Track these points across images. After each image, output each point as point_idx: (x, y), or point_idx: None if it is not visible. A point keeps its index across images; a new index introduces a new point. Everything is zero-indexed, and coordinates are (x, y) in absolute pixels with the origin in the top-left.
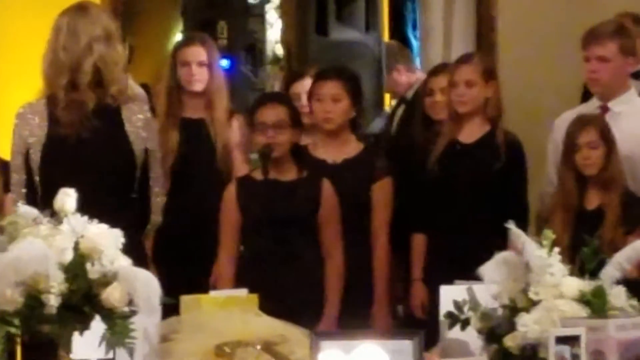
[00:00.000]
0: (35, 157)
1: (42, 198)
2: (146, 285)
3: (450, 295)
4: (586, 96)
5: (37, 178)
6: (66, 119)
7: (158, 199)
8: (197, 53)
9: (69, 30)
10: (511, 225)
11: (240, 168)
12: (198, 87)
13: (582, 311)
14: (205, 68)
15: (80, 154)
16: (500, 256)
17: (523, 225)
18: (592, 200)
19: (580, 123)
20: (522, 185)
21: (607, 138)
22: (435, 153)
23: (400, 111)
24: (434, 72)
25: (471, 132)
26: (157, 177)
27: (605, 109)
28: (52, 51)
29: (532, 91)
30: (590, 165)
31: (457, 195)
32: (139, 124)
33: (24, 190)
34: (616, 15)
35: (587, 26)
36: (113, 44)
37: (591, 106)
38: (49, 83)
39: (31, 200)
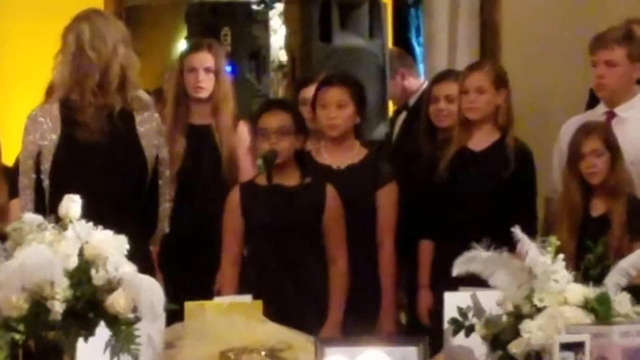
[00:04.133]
0: (46, 160)
1: (50, 202)
2: (150, 291)
3: (454, 301)
4: (592, 102)
5: (46, 182)
6: (92, 122)
7: (166, 205)
8: (204, 59)
9: (94, 32)
10: (516, 231)
11: (247, 174)
12: (204, 94)
13: (586, 318)
14: (211, 74)
15: (95, 158)
16: (504, 262)
17: (531, 233)
18: (598, 207)
19: (584, 131)
20: (531, 193)
21: (611, 145)
22: (444, 160)
23: (402, 118)
24: (438, 79)
25: (481, 140)
26: (166, 184)
27: (611, 115)
28: (76, 54)
29: (536, 97)
30: (595, 173)
31: (466, 203)
32: (152, 130)
33: (32, 194)
34: (624, 21)
35: (591, 32)
36: (130, 49)
37: (597, 112)
38: (70, 87)
39: (39, 204)
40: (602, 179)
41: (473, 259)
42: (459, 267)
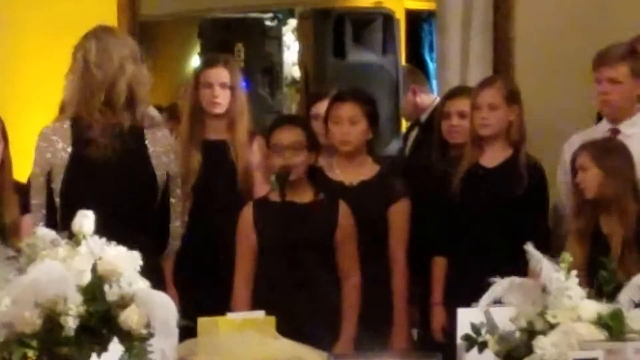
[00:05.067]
0: (57, 179)
1: (62, 220)
2: (163, 307)
3: (467, 318)
4: (600, 119)
5: (57, 200)
6: (101, 140)
7: (177, 223)
8: (220, 74)
9: (100, 49)
10: (529, 248)
11: (261, 189)
12: (220, 109)
13: (600, 334)
14: (227, 90)
15: (106, 175)
16: (517, 280)
17: (544, 249)
18: (606, 224)
19: (579, 147)
20: (544, 209)
21: (600, 162)
22: (457, 176)
23: (414, 134)
24: (451, 95)
25: (493, 156)
26: (177, 202)
27: (616, 132)
28: (83, 71)
29: (549, 113)
30: (585, 188)
31: (479, 219)
32: (162, 148)
33: (44, 212)
34: (630, 38)
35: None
36: (140, 65)
37: (602, 129)
38: (79, 104)
39: (51, 222)
40: (593, 194)
41: (493, 291)
42: (484, 303)
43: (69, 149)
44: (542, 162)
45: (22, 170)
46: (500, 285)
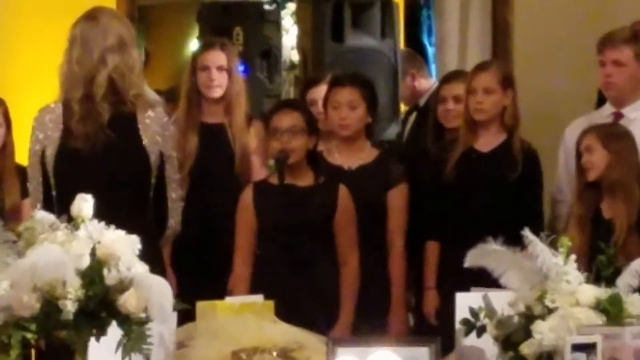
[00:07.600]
0: (50, 160)
1: (57, 202)
2: (160, 293)
3: (466, 302)
4: (600, 104)
5: (52, 181)
6: (80, 131)
7: (177, 204)
8: (217, 58)
9: (81, 43)
10: (527, 232)
11: (259, 173)
12: (217, 92)
13: (598, 319)
14: (224, 73)
15: (94, 164)
16: (516, 262)
17: (537, 233)
18: (607, 208)
19: (585, 130)
20: (538, 194)
21: (608, 144)
22: (451, 161)
23: (412, 118)
24: (447, 79)
25: (487, 141)
26: (174, 182)
27: (619, 116)
28: (67, 63)
29: (547, 98)
30: (589, 169)
31: (472, 204)
32: (155, 128)
33: (40, 189)
34: (633, 22)
35: (603, 32)
36: (127, 51)
37: (604, 113)
38: (64, 93)
39: (48, 203)
40: (597, 175)
41: (487, 252)
42: (471, 260)
43: (59, 132)
44: (539, 147)
45: (22, 153)
46: (491, 251)
